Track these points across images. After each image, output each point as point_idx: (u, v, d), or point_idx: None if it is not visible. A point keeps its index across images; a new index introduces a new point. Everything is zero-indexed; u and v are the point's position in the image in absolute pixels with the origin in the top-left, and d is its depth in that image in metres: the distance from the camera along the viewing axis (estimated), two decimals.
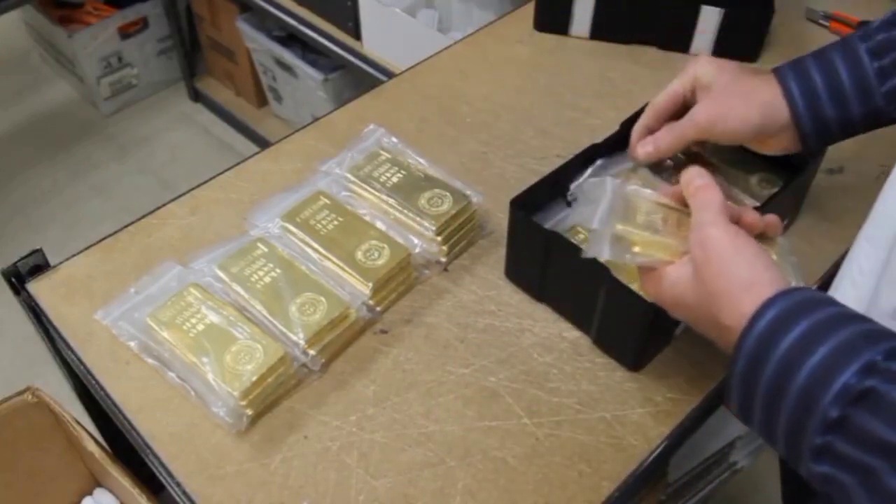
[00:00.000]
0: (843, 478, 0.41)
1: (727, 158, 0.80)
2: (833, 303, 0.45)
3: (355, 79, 1.82)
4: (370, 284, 0.70)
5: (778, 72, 0.65)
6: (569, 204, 0.74)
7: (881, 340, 0.41)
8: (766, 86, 0.64)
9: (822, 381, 0.41)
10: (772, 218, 0.57)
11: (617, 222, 0.58)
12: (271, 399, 0.66)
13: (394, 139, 0.84)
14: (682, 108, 0.68)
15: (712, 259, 0.51)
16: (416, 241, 0.74)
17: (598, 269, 0.64)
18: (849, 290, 0.56)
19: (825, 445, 0.41)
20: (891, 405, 0.39)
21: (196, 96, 2.33)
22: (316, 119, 0.93)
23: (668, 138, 0.67)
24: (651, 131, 0.70)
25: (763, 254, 0.50)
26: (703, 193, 0.55)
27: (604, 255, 0.57)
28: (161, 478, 0.63)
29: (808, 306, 0.44)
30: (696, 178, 0.56)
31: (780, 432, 0.44)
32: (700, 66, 0.67)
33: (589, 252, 0.58)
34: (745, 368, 0.45)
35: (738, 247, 0.50)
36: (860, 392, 0.40)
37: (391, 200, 0.76)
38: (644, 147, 0.69)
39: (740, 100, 0.64)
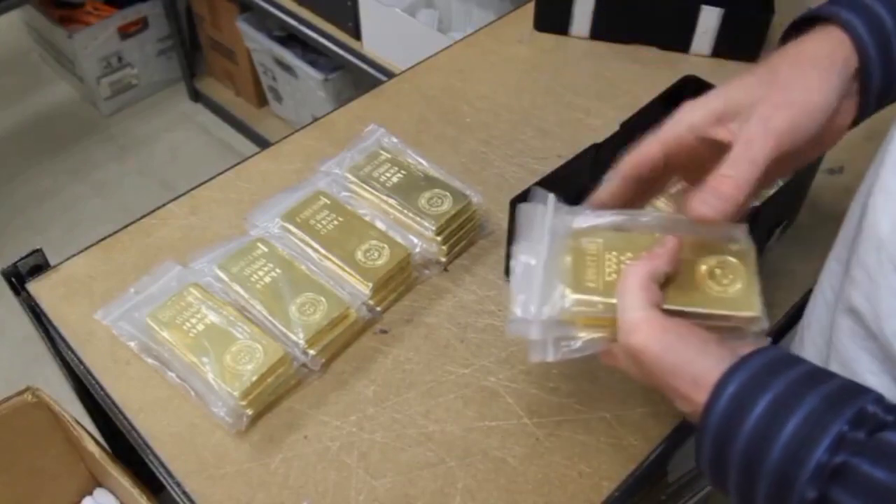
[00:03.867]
0: None
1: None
2: (791, 362, 0.41)
3: (355, 79, 1.82)
4: (370, 284, 0.70)
5: (829, 11, 0.49)
6: (569, 204, 0.74)
7: (846, 405, 0.39)
8: (818, 41, 0.48)
9: (795, 458, 0.38)
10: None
11: (550, 301, 0.51)
12: (271, 399, 0.65)
13: (394, 139, 0.84)
14: (654, 178, 0.53)
15: (650, 370, 0.47)
16: (416, 241, 0.74)
17: None
18: (822, 311, 0.54)
19: (821, 498, 0.38)
20: (865, 479, 0.37)
21: (196, 96, 2.33)
22: (316, 119, 0.93)
23: (745, 174, 0.47)
24: (622, 199, 0.55)
25: (699, 338, 0.45)
26: (626, 271, 0.49)
27: (548, 356, 0.51)
28: (161, 478, 0.63)
29: (768, 374, 0.41)
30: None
31: (761, 493, 0.40)
32: (689, 113, 0.49)
33: (532, 355, 0.52)
34: (715, 437, 0.42)
35: (667, 347, 0.45)
36: (834, 469, 0.38)
37: (391, 200, 0.76)
38: (706, 205, 0.48)
39: (800, 78, 0.47)
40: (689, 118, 0.50)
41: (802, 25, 0.51)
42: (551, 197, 0.55)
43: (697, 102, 0.50)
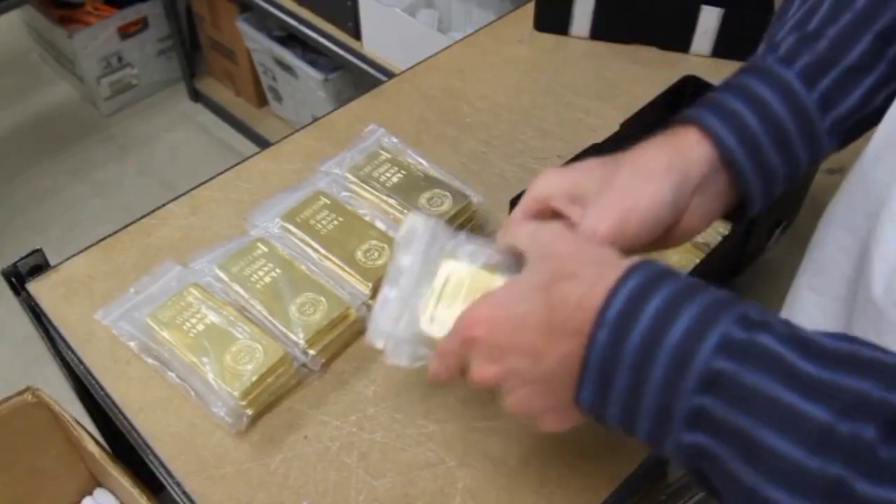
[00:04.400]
0: (717, 449, 0.36)
1: None
2: (687, 276, 0.41)
3: (355, 79, 1.82)
4: (370, 284, 0.70)
5: (691, 119, 0.50)
6: None
7: (744, 301, 0.39)
8: (661, 149, 0.50)
9: (698, 333, 0.37)
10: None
11: (410, 319, 0.52)
12: (271, 399, 0.65)
13: (394, 139, 0.84)
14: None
15: (558, 241, 0.46)
16: None
17: None
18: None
19: (702, 408, 0.37)
20: (783, 362, 0.35)
21: (196, 96, 2.33)
22: (316, 119, 0.93)
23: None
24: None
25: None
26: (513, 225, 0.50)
27: (402, 363, 0.52)
28: (161, 478, 0.63)
29: (670, 273, 0.41)
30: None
31: (647, 406, 0.39)
32: (543, 184, 0.51)
33: (387, 358, 0.53)
34: (610, 334, 0.40)
35: (567, 233, 0.47)
36: (745, 343, 0.36)
37: (391, 200, 0.76)
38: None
39: (637, 178, 0.49)
40: (545, 191, 0.52)
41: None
42: (436, 220, 0.56)
43: (554, 177, 0.51)
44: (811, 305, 0.50)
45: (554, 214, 0.52)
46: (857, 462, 0.31)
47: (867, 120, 0.51)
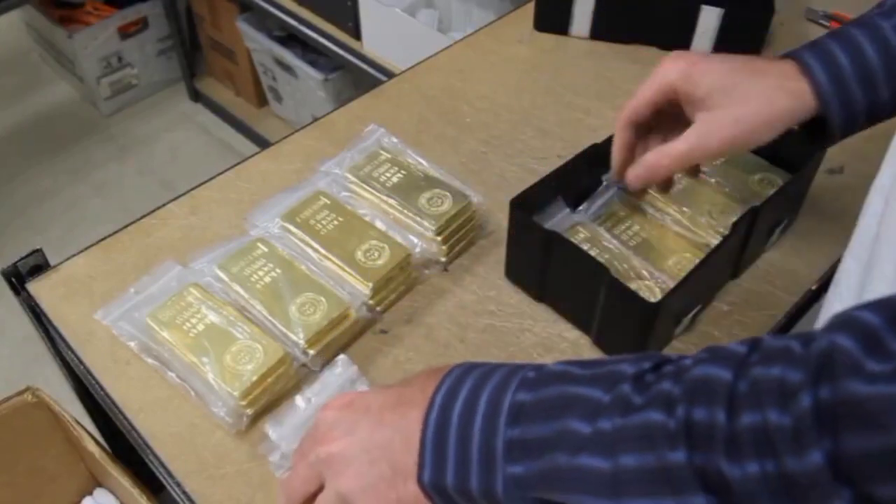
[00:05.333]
0: (536, 465, 0.42)
1: (727, 158, 0.80)
2: (482, 365, 0.47)
3: (355, 79, 1.82)
4: (370, 284, 0.70)
5: (795, 55, 0.58)
6: (569, 204, 0.74)
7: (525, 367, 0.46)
8: (778, 72, 0.58)
9: (502, 388, 0.44)
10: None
11: None
12: (271, 399, 0.65)
13: (394, 139, 0.84)
14: (655, 117, 0.64)
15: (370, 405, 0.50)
16: (416, 241, 0.74)
17: (598, 269, 0.64)
18: (836, 308, 0.55)
19: (512, 439, 0.43)
20: (566, 374, 0.44)
21: (196, 96, 2.33)
22: (316, 119, 0.93)
23: (666, 162, 0.61)
24: (631, 148, 0.66)
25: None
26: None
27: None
28: (161, 478, 0.63)
29: (475, 365, 0.47)
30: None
31: (474, 456, 0.44)
32: (673, 72, 0.61)
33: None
34: (437, 416, 0.46)
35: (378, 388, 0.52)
36: (536, 377, 0.44)
37: (391, 200, 0.76)
38: (636, 172, 0.64)
39: (759, 108, 0.57)
40: (668, 79, 0.62)
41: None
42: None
43: (684, 59, 0.61)
44: (847, 273, 0.54)
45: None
46: (617, 410, 0.40)
47: None
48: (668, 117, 0.65)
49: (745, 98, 0.58)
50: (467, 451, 0.44)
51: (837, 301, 0.54)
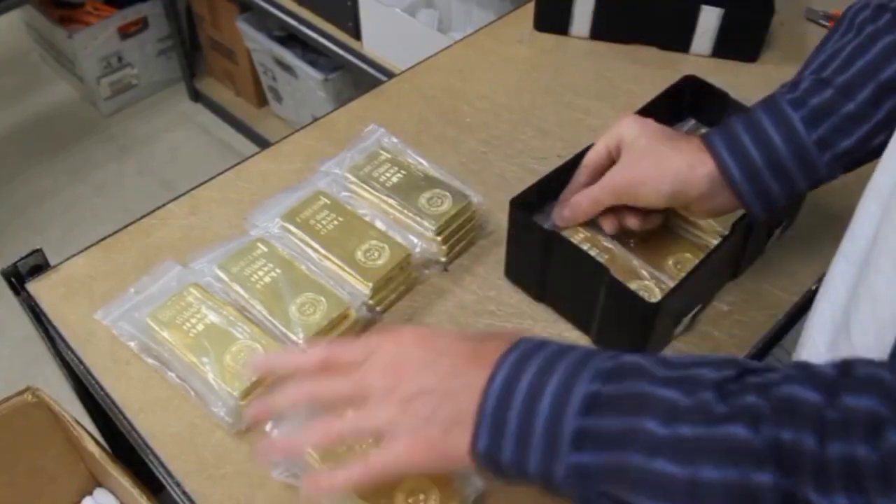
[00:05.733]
0: (603, 458, 0.42)
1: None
2: (549, 345, 0.47)
3: (355, 79, 1.82)
4: (370, 284, 0.70)
5: (708, 142, 0.62)
6: None
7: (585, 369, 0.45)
8: (683, 154, 0.62)
9: (575, 372, 0.44)
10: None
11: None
12: None
13: (394, 139, 0.84)
14: (610, 166, 0.67)
15: (440, 348, 0.50)
16: (416, 241, 0.74)
17: (598, 269, 0.64)
18: (825, 310, 0.55)
19: (583, 429, 0.43)
20: (644, 370, 0.43)
21: (196, 96, 2.33)
22: (316, 119, 0.93)
23: (584, 203, 0.67)
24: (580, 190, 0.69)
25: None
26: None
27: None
28: (161, 478, 0.63)
29: (546, 342, 0.48)
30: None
31: (536, 438, 0.44)
32: (624, 126, 0.65)
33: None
34: (502, 383, 0.46)
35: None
36: (613, 368, 0.44)
37: (391, 200, 0.76)
38: (560, 211, 0.69)
39: (653, 166, 0.63)
40: (624, 135, 0.66)
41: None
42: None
43: (637, 120, 0.66)
44: (840, 274, 0.55)
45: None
46: (699, 417, 0.40)
47: (868, 155, 0.60)
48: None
49: (655, 159, 0.63)
50: (529, 431, 0.44)
51: (828, 304, 0.54)
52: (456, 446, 0.46)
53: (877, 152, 0.56)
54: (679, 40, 1.01)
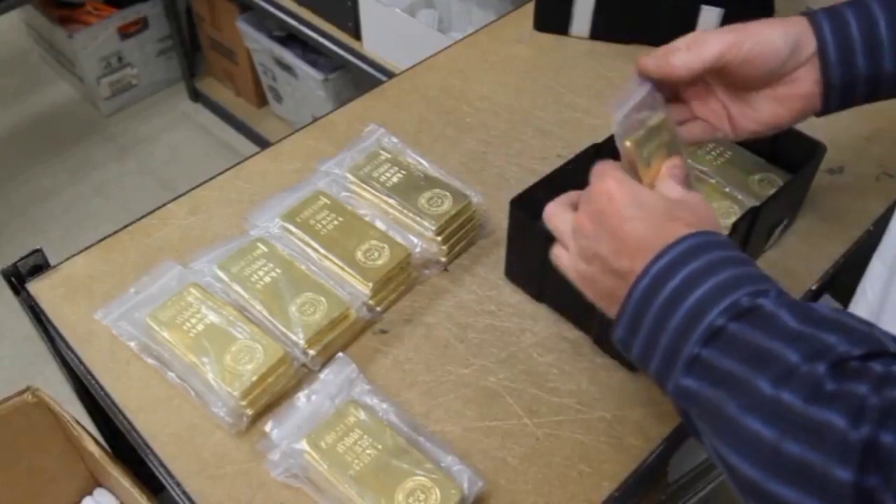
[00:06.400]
0: (706, 390, 0.43)
1: (727, 159, 0.80)
2: (720, 245, 0.47)
3: (355, 79, 1.82)
4: (370, 284, 0.70)
5: (810, 13, 0.60)
6: None
7: (748, 284, 0.45)
8: (793, 21, 0.60)
9: (714, 297, 0.44)
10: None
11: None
12: (271, 399, 0.65)
13: (394, 139, 0.84)
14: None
15: (609, 220, 0.51)
16: (416, 241, 0.74)
17: None
18: (861, 310, 0.55)
19: (699, 357, 0.44)
20: (775, 320, 0.42)
21: (196, 96, 2.33)
22: (316, 119, 0.93)
23: (690, 58, 0.59)
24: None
25: (663, 204, 0.51)
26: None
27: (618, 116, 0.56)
28: (161, 478, 0.63)
29: (721, 245, 0.47)
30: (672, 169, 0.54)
31: (661, 347, 0.46)
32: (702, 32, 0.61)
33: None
34: (648, 283, 0.47)
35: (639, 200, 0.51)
36: (747, 308, 0.43)
37: (391, 200, 0.76)
38: (653, 58, 0.59)
39: (767, 23, 0.60)
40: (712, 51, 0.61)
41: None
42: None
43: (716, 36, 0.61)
44: (875, 274, 0.55)
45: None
46: (805, 388, 0.39)
47: None
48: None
49: (763, 23, 0.60)
50: (657, 338, 0.46)
51: (863, 303, 0.55)
52: (607, 311, 0.51)
53: None
54: None
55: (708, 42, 0.59)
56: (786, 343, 0.41)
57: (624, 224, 0.49)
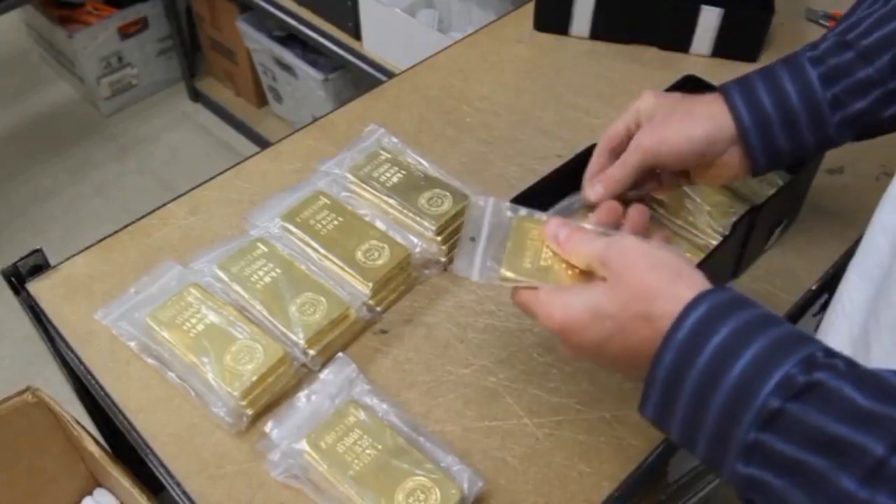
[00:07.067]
0: (773, 481, 0.39)
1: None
2: (761, 305, 0.44)
3: (355, 79, 1.82)
4: (370, 284, 0.70)
5: (724, 91, 0.62)
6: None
7: (815, 340, 0.41)
8: (709, 103, 0.62)
9: (761, 371, 0.39)
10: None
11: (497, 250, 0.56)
12: (271, 399, 0.65)
13: (394, 139, 0.84)
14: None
15: (637, 260, 0.48)
16: (416, 241, 0.74)
17: None
18: (840, 323, 0.54)
19: (759, 443, 0.39)
20: (841, 398, 0.37)
21: (196, 96, 2.33)
22: (316, 119, 0.93)
23: (616, 173, 0.63)
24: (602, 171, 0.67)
25: (677, 254, 0.49)
26: (576, 242, 0.53)
27: (473, 274, 0.55)
28: (161, 478, 0.63)
29: (741, 302, 0.44)
30: (559, 231, 0.54)
31: (706, 430, 0.41)
32: (641, 101, 0.64)
33: (456, 266, 0.56)
34: (675, 358, 0.43)
35: (654, 248, 0.49)
36: (805, 384, 0.38)
37: (391, 200, 0.76)
38: (593, 188, 0.64)
39: (683, 118, 0.62)
40: (643, 107, 0.64)
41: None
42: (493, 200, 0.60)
43: (651, 98, 0.64)
44: (853, 287, 0.54)
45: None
46: None
47: (882, 125, 0.60)
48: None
49: (680, 115, 0.62)
50: (699, 420, 0.41)
51: (843, 319, 0.54)
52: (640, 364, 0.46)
53: (889, 124, 0.59)
54: (679, 40, 1.01)
55: (627, 161, 0.62)
56: (861, 428, 0.36)
57: (603, 350, 0.48)
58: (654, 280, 0.47)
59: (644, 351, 0.45)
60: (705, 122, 0.60)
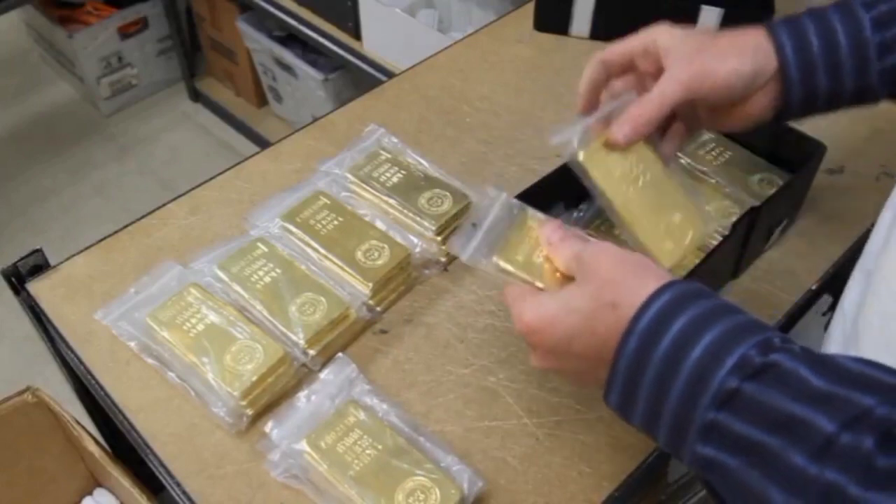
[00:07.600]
0: (728, 460, 0.39)
1: (727, 159, 0.80)
2: (723, 298, 0.45)
3: (355, 79, 1.82)
4: (370, 284, 0.70)
5: (769, 27, 0.58)
6: (566, 206, 0.74)
7: (773, 328, 0.42)
8: (752, 35, 0.58)
9: (719, 354, 0.40)
10: None
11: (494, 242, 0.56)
12: (271, 399, 0.65)
13: (394, 139, 0.84)
14: (627, 72, 0.63)
15: (608, 257, 0.48)
16: (416, 241, 0.74)
17: None
18: (838, 318, 0.54)
19: (716, 422, 0.40)
20: (796, 379, 0.38)
21: (196, 96, 2.33)
22: (316, 119, 0.93)
23: (648, 111, 0.57)
24: (598, 87, 0.64)
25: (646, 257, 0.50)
26: (563, 245, 0.53)
27: (464, 254, 0.55)
28: (161, 478, 0.63)
29: (703, 293, 0.44)
30: (552, 234, 0.54)
31: (667, 414, 0.42)
32: (658, 35, 0.60)
33: (451, 243, 0.57)
34: (637, 345, 0.43)
35: (627, 252, 0.49)
36: (762, 365, 0.39)
37: (391, 200, 0.76)
38: (621, 129, 0.58)
39: (726, 51, 0.57)
40: (651, 38, 0.61)
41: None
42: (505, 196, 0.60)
43: (675, 28, 0.61)
44: (854, 286, 0.53)
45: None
46: (853, 469, 0.34)
47: None
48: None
49: (720, 45, 0.59)
50: (659, 407, 0.42)
51: (840, 316, 0.54)
52: (599, 377, 0.47)
53: None
54: None
55: (665, 94, 0.57)
56: (816, 407, 0.36)
57: (571, 346, 0.48)
58: (622, 272, 0.47)
59: (610, 344, 0.45)
60: (752, 53, 0.57)
